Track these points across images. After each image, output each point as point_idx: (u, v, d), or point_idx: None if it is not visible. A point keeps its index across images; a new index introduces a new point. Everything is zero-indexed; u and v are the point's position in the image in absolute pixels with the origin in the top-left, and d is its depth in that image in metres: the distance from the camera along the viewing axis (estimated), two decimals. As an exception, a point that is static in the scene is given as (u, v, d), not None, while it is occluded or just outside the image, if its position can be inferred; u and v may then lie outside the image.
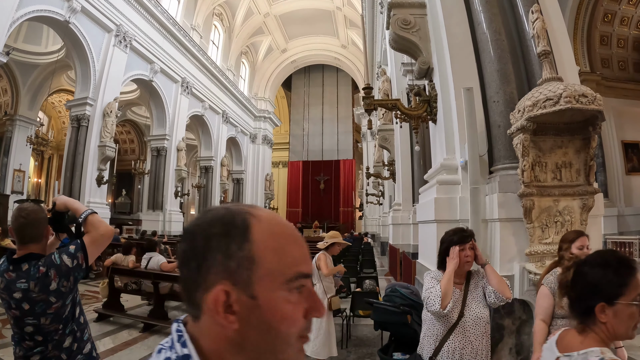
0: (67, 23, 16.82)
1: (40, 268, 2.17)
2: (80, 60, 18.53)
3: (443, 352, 2.78)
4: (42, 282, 2.15)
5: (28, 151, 24.99)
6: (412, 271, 7.76)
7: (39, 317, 2.15)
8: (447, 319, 2.79)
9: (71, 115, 18.95)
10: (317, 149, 43.83)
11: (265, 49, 37.57)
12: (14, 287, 2.12)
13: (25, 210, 2.22)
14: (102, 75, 18.76)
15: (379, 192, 23.80)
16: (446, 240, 2.99)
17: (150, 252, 8.39)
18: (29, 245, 2.22)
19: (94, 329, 7.16)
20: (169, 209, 24.78)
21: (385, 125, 14.20)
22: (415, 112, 6.01)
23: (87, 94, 18.48)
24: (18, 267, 2.16)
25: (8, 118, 23.92)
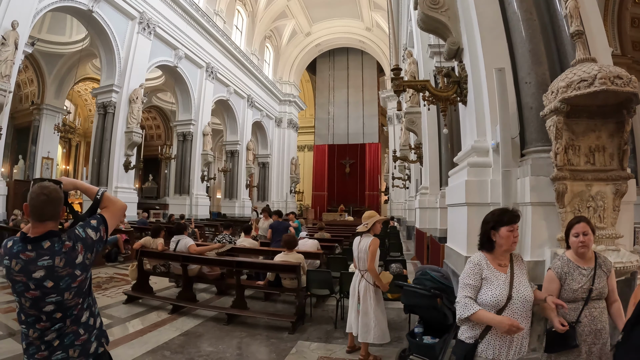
0: (91, 12, 17.01)
1: (65, 243, 2.20)
2: (104, 49, 18.77)
3: (490, 335, 2.70)
4: (68, 256, 2.18)
5: (56, 139, 25.52)
6: (440, 255, 7.67)
7: (63, 293, 2.16)
8: (496, 302, 2.71)
9: (97, 102, 19.27)
10: (343, 132, 43.67)
11: (289, 32, 37.48)
12: (33, 267, 2.11)
13: (47, 188, 2.22)
14: (127, 63, 18.97)
15: (405, 175, 23.67)
16: (492, 220, 2.89)
17: (178, 235, 8.44)
18: (47, 223, 2.21)
19: (123, 311, 7.31)
20: (195, 193, 25.09)
21: (412, 107, 14.04)
22: (445, 93, 5.87)
23: (112, 81, 18.73)
24: (38, 246, 2.15)
25: (35, 107, 24.49)
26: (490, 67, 5.20)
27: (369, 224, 5.39)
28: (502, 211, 2.95)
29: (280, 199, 37.72)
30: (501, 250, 2.84)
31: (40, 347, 2.18)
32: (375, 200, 41.42)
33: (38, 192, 2.20)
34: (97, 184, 17.56)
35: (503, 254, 2.87)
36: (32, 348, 2.20)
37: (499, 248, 2.84)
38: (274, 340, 5.90)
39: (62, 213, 2.32)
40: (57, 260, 2.14)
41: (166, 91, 29.11)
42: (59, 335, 2.19)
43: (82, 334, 2.26)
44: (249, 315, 6.95)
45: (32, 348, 2.20)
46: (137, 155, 20.29)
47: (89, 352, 2.28)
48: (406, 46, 17.46)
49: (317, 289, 7.07)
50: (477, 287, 2.80)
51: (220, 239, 10.06)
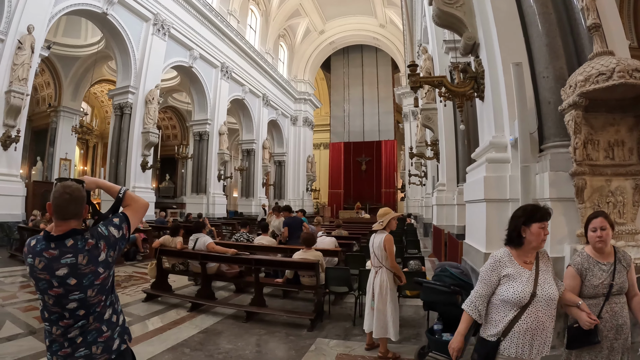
0: (105, 15, 17.22)
1: (88, 240, 2.22)
2: (120, 51, 18.98)
3: (513, 332, 2.63)
4: (91, 253, 2.20)
5: (73, 140, 25.96)
6: (458, 252, 7.63)
7: (86, 290, 2.18)
8: (518, 299, 2.64)
9: (114, 103, 19.54)
10: (358, 130, 43.56)
11: (302, 31, 37.49)
12: (56, 265, 2.13)
13: (70, 187, 2.25)
14: (142, 64, 19.17)
15: (421, 172, 23.57)
16: (523, 215, 2.77)
17: (197, 234, 8.50)
18: (70, 221, 2.23)
19: (143, 309, 7.38)
20: (212, 192, 25.25)
21: (428, 104, 13.98)
22: (462, 89, 5.84)
23: (128, 83, 18.95)
24: (61, 244, 2.17)
25: (52, 109, 24.89)
26: (507, 62, 5.18)
27: (384, 221, 5.38)
28: (535, 207, 2.83)
29: (296, 197, 37.79)
30: (530, 247, 2.74)
31: (63, 344, 2.21)
32: (392, 197, 41.27)
33: (61, 191, 2.22)
34: (115, 184, 17.61)
35: (531, 251, 2.78)
36: (55, 345, 2.22)
37: (527, 245, 2.74)
38: (292, 337, 5.91)
39: (85, 212, 2.35)
40: (80, 258, 2.17)
41: (182, 91, 29.33)
42: (82, 332, 2.21)
43: (105, 331, 2.28)
44: (267, 312, 6.97)
45: (55, 345, 2.22)
46: (154, 155, 20.49)
47: (112, 349, 2.30)
48: (421, 42, 17.38)
49: (336, 286, 7.08)
50: (493, 284, 2.75)
51: (237, 238, 10.12)
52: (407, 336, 5.81)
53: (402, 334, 5.68)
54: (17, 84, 13.29)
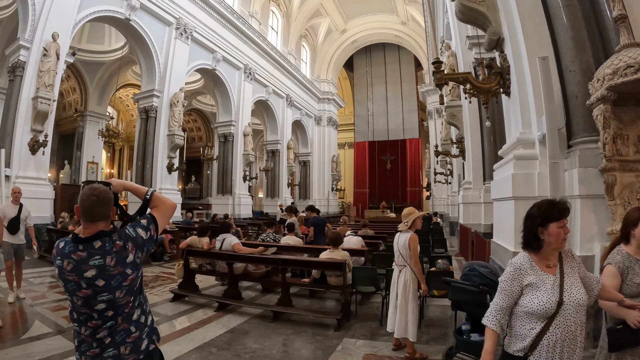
0: (128, 20, 17.55)
1: (116, 242, 2.23)
2: (144, 55, 19.32)
3: (542, 346, 2.38)
4: (119, 255, 2.21)
5: (100, 144, 26.49)
6: (486, 251, 7.54)
7: (114, 291, 2.19)
8: (544, 310, 2.38)
9: (139, 107, 19.89)
10: (383, 128, 43.40)
11: (324, 31, 37.51)
12: (85, 267, 2.15)
13: (97, 189, 2.26)
14: (166, 68, 19.45)
15: (447, 170, 23.38)
16: (538, 215, 2.51)
17: (223, 234, 8.54)
18: (98, 223, 2.25)
19: (170, 309, 7.45)
20: (237, 193, 25.45)
21: (453, 101, 13.85)
22: (487, 85, 5.76)
23: (153, 86, 19.26)
24: (89, 246, 2.19)
25: (79, 114, 25.50)
26: (533, 56, 5.09)
27: (408, 221, 5.34)
28: (550, 204, 2.55)
29: (322, 197, 37.81)
30: (550, 249, 2.49)
31: (92, 345, 2.22)
32: (417, 196, 41.05)
33: (88, 193, 2.24)
34: (142, 186, 17.88)
35: (552, 253, 2.52)
36: (84, 345, 2.24)
37: (547, 247, 2.48)
38: (319, 337, 5.89)
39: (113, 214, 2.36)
40: (108, 259, 2.18)
41: (206, 94, 29.58)
42: (110, 333, 2.23)
43: (133, 331, 2.30)
44: (294, 312, 6.97)
45: (84, 345, 2.24)
46: (179, 157, 20.74)
47: (140, 349, 2.31)
48: (443, 39, 17.24)
49: (363, 286, 7.02)
50: (515, 294, 2.49)
51: (264, 238, 10.14)
52: (435, 336, 5.76)
53: (429, 334, 5.64)
54: (43, 90, 13.62)
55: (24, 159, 13.53)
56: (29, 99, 13.57)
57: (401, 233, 5.41)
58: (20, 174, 13.25)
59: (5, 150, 12.99)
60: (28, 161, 13.64)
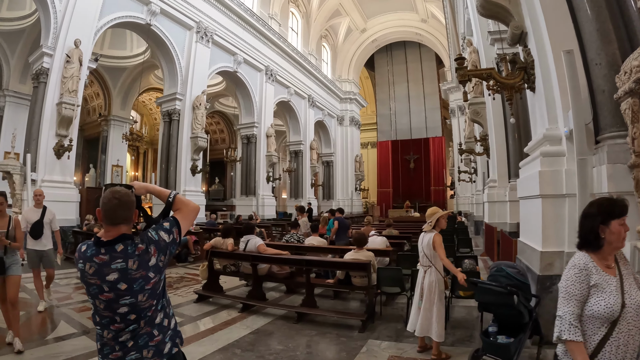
0: (149, 26, 17.80)
1: (138, 246, 2.22)
2: (165, 59, 19.56)
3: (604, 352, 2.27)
4: (142, 258, 2.20)
5: (124, 147, 27.09)
6: (512, 251, 7.41)
7: (137, 295, 2.18)
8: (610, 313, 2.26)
9: (162, 110, 20.16)
10: (405, 127, 43.17)
11: (344, 30, 37.42)
12: (107, 270, 2.14)
13: (119, 192, 2.26)
14: (188, 71, 19.65)
15: (471, 169, 23.14)
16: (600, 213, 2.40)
17: (248, 235, 8.58)
18: (120, 226, 2.25)
19: (194, 310, 7.51)
20: (261, 194, 25.60)
21: (476, 98, 13.69)
22: (511, 80, 5.64)
23: (175, 90, 19.50)
24: (111, 249, 2.18)
25: (103, 119, 26.16)
26: (557, 50, 4.97)
27: (432, 221, 5.28)
28: (611, 202, 2.46)
29: (345, 197, 37.74)
30: (610, 248, 2.39)
31: (114, 348, 2.22)
32: (441, 195, 40.70)
33: (110, 196, 2.24)
34: (166, 188, 18.11)
35: (611, 253, 2.42)
36: (106, 348, 2.23)
37: (608, 246, 2.38)
38: (343, 338, 5.86)
39: (135, 217, 2.36)
40: (131, 262, 2.17)
41: (228, 96, 29.79)
42: (133, 336, 2.22)
43: (156, 335, 2.28)
44: (318, 313, 6.94)
45: (106, 348, 2.23)
46: (203, 159, 20.89)
47: (163, 353, 2.30)
48: (464, 35, 17.05)
49: (388, 286, 6.97)
50: (585, 297, 2.35)
51: (288, 239, 10.15)
52: (460, 338, 5.68)
53: (455, 336, 5.56)
54: (67, 95, 13.85)
55: (50, 163, 13.77)
56: (53, 104, 13.83)
57: (425, 233, 5.35)
58: (46, 177, 13.50)
59: (31, 155, 13.27)
60: (53, 165, 13.89)
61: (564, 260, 4.87)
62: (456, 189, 33.16)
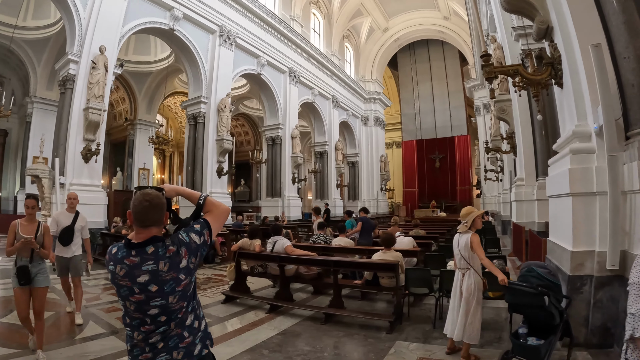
0: (172, 31, 18.10)
1: (169, 247, 2.22)
2: (189, 63, 19.83)
3: None
4: (172, 260, 2.20)
5: (150, 150, 27.53)
6: (541, 250, 7.28)
7: (167, 297, 2.18)
8: None
9: (187, 114, 20.49)
10: (430, 126, 42.97)
11: (366, 30, 37.37)
12: (138, 272, 2.16)
13: (150, 194, 2.27)
14: (212, 74, 19.88)
15: (497, 167, 22.86)
16: None
17: (275, 236, 8.60)
18: (151, 228, 2.25)
19: (222, 310, 7.55)
20: (287, 195, 25.74)
21: (502, 95, 13.51)
22: (538, 76, 5.53)
23: (200, 93, 19.76)
24: (142, 251, 2.19)
25: (129, 123, 26.71)
26: (584, 44, 4.86)
27: (468, 222, 5.15)
28: None
29: (371, 197, 37.64)
30: None
31: (144, 349, 2.23)
32: (467, 194, 40.35)
33: (141, 199, 2.25)
34: (195, 191, 18.48)
35: None
36: (136, 350, 2.25)
37: None
38: (371, 340, 5.82)
39: (165, 219, 2.37)
40: (161, 264, 2.18)
41: (252, 98, 30.07)
42: (163, 338, 2.22)
43: (186, 336, 2.28)
44: (346, 314, 6.92)
45: (136, 350, 2.25)
46: (228, 161, 21.13)
47: (193, 354, 2.30)
48: (487, 31, 16.85)
49: (416, 287, 6.92)
50: None
51: (315, 239, 10.14)
52: (489, 340, 5.59)
53: (484, 337, 5.47)
54: (94, 101, 14.16)
55: (78, 167, 14.08)
56: (80, 110, 14.14)
57: (461, 234, 5.23)
58: (74, 181, 13.81)
59: (60, 159, 13.69)
60: (81, 169, 14.20)
61: (595, 260, 4.77)
62: (482, 188, 32.77)
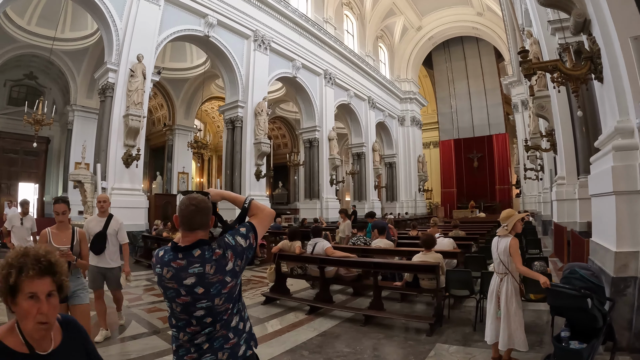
0: (207, 37, 18.48)
1: (216, 250, 2.26)
2: (225, 69, 20.19)
3: None
4: (219, 263, 2.24)
5: (189, 155, 28.18)
6: (584, 251, 7.07)
7: (214, 299, 2.22)
8: None
9: (225, 118, 20.87)
10: (467, 125, 42.44)
11: (399, 29, 37.18)
12: (184, 274, 2.20)
13: (196, 199, 2.32)
14: (248, 79, 20.18)
15: (537, 166, 22.39)
16: None
17: (315, 238, 8.63)
18: (198, 232, 2.30)
19: (262, 312, 7.61)
20: (325, 197, 25.82)
21: (540, 91, 13.21)
22: (578, 71, 5.36)
23: (237, 98, 20.03)
24: (189, 254, 2.24)
25: (168, 128, 27.45)
26: (624, 37, 4.71)
27: (508, 225, 4.98)
28: None
29: (409, 198, 37.44)
30: None
31: (189, 350, 2.26)
32: (507, 194, 39.64)
33: (187, 203, 2.31)
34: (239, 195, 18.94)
35: None
36: (181, 350, 2.29)
37: None
38: (411, 342, 5.77)
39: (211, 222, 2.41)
40: (208, 267, 2.21)
41: (288, 101, 30.39)
42: (208, 339, 2.25)
43: (231, 337, 2.31)
44: (385, 316, 6.89)
45: (181, 350, 2.29)
46: (266, 164, 21.32)
47: (238, 355, 2.33)
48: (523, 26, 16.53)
49: (457, 289, 6.85)
50: None
51: (354, 241, 10.13)
52: (531, 343, 5.40)
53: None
54: (133, 108, 14.59)
55: (119, 172, 14.54)
56: (120, 117, 14.62)
57: (500, 238, 5.07)
58: (115, 185, 14.28)
59: (101, 165, 14.19)
60: (122, 174, 14.65)
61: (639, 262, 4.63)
62: (522, 188, 32.13)
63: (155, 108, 28.16)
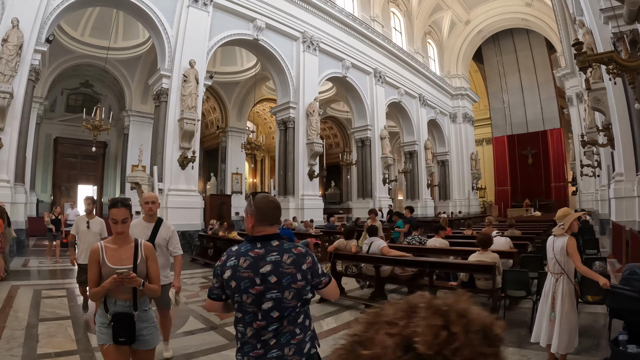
0: (257, 41, 18.95)
1: (298, 247, 2.47)
2: (276, 71, 20.66)
3: None
4: (297, 258, 2.41)
5: (242, 156, 28.81)
6: (644, 251, 6.87)
7: (284, 290, 2.33)
8: None
9: (277, 119, 21.38)
10: (521, 120, 41.41)
11: (447, 24, 36.69)
12: (262, 263, 2.35)
13: (272, 197, 2.57)
14: (298, 80, 20.56)
15: (594, 162, 21.63)
16: None
17: (371, 237, 8.69)
18: (275, 226, 2.51)
19: (317, 310, 7.68)
20: (378, 196, 26.02)
21: (595, 83, 12.74)
22: (634, 62, 5.18)
23: (288, 99, 20.49)
24: (267, 244, 2.42)
25: (221, 131, 28.23)
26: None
27: (565, 225, 4.84)
28: None
29: (462, 197, 36.95)
30: None
31: (255, 346, 2.35)
32: (562, 192, 38.28)
33: (265, 200, 2.52)
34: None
35: None
36: (247, 347, 2.38)
37: None
38: (466, 343, 5.73)
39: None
40: (285, 257, 2.37)
41: (339, 101, 30.59)
42: (275, 335, 2.34)
43: (298, 333, 2.39)
44: (441, 316, 6.86)
45: (247, 347, 2.38)
46: (319, 164, 21.64)
47: (303, 352, 2.40)
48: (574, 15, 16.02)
49: (513, 290, 6.74)
50: None
51: (409, 240, 10.13)
52: (586, 347, 5.33)
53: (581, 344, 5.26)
54: (187, 112, 15.21)
55: (175, 174, 15.21)
56: (175, 120, 15.27)
57: (556, 237, 4.95)
58: (172, 187, 14.96)
59: (158, 167, 14.84)
60: (178, 175, 15.32)
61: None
62: (578, 185, 30.89)
63: (207, 111, 28.95)
